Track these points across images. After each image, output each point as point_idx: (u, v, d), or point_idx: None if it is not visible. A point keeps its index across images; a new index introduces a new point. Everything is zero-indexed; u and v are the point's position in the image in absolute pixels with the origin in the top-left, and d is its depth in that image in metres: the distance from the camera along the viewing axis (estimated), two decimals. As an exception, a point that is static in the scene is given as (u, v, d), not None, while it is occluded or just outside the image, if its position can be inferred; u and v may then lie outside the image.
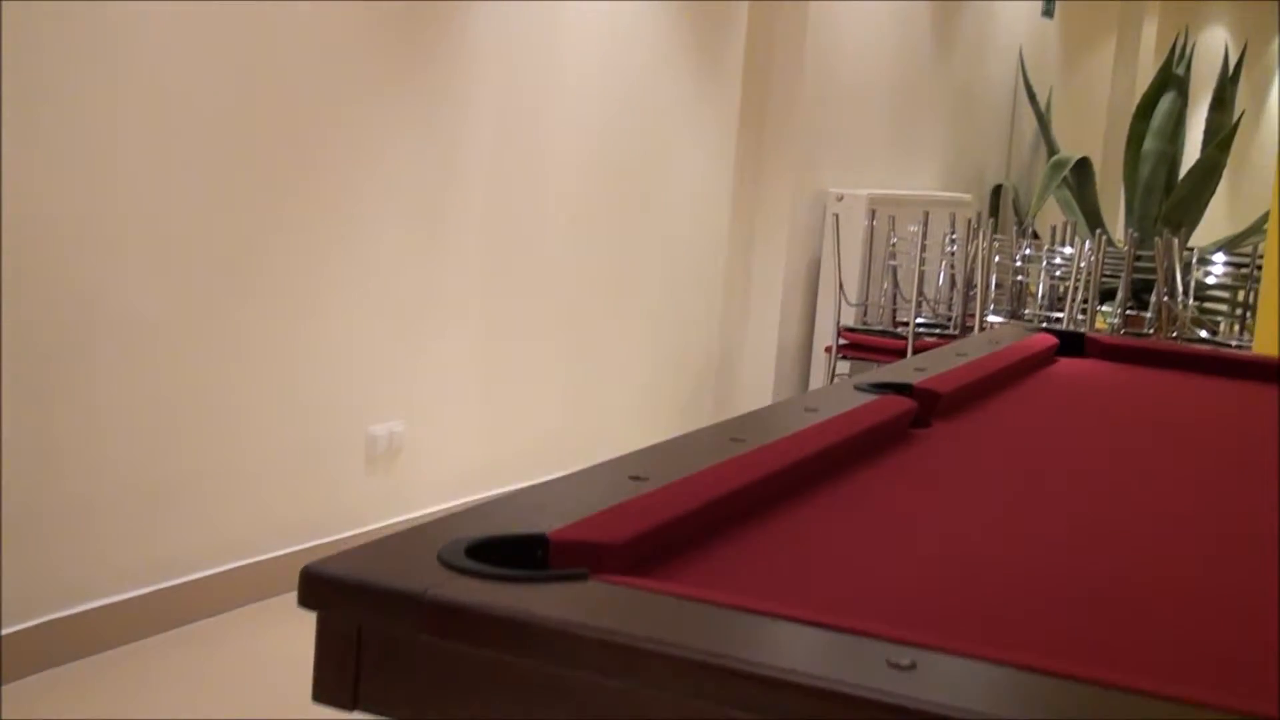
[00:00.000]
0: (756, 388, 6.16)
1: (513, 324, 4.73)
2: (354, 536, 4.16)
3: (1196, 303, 6.59)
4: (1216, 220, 9.08)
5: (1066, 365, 2.99)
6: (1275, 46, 12.78)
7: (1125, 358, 3.11)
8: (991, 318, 6.06)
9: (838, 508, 1.60)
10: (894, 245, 6.31)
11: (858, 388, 2.22)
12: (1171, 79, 7.65)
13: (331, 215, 3.91)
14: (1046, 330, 3.23)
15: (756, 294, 6.14)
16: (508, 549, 1.22)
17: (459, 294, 4.46)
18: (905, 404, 2.10)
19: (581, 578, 1.14)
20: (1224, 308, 6.90)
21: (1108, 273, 6.45)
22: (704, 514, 1.43)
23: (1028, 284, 6.45)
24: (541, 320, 4.88)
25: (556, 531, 1.25)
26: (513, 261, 4.68)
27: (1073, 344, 3.18)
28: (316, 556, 3.97)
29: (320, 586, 1.09)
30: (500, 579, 1.11)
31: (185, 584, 3.62)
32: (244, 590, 3.80)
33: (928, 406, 2.19)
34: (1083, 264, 5.95)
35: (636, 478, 1.50)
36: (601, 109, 5.01)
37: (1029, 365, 2.84)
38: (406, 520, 4.37)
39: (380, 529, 4.26)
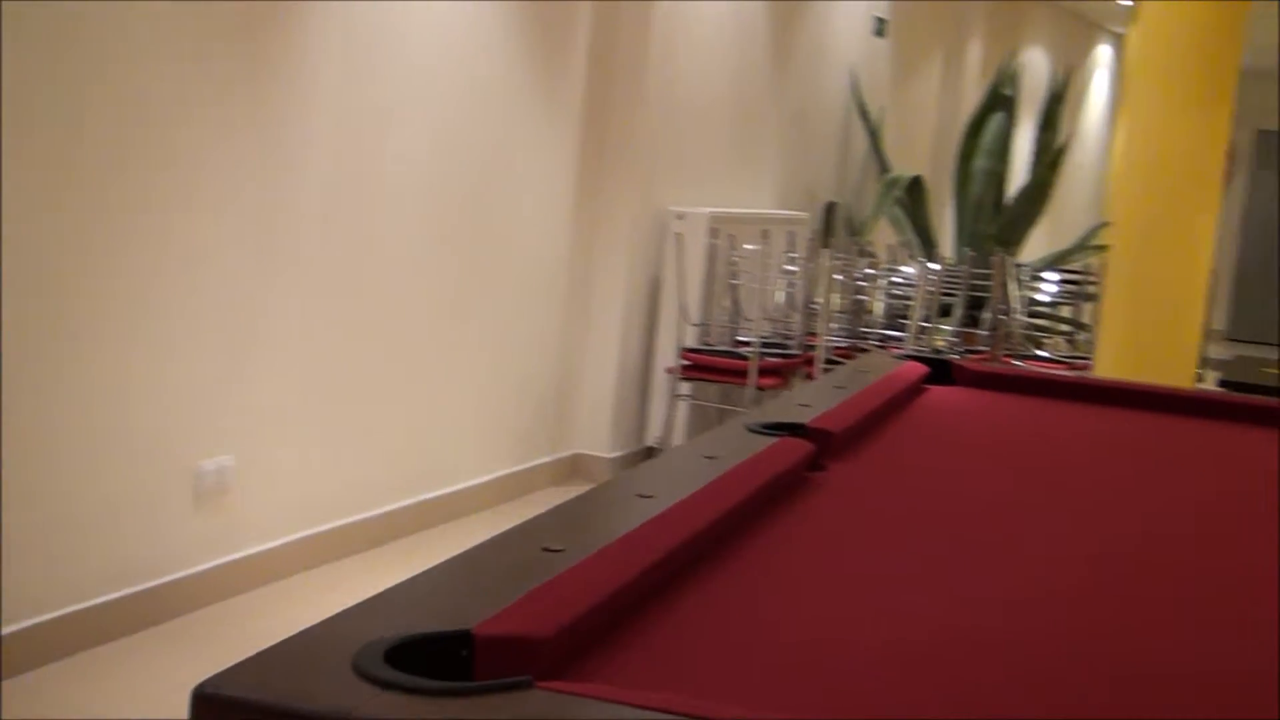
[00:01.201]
0: (597, 410, 6.04)
1: (351, 349, 4.53)
2: (182, 579, 3.91)
3: (1032, 320, 6.69)
4: (1034, 237, 9.26)
5: (938, 395, 2.93)
6: (1088, 71, 13.17)
7: (994, 385, 3.07)
8: (832, 338, 6.04)
9: (762, 571, 1.48)
10: (735, 264, 6.25)
11: (750, 429, 2.11)
12: (1000, 99, 7.77)
13: (154, 235, 3.67)
14: (914, 359, 3.17)
15: (597, 314, 6.02)
16: (430, 649, 1.07)
17: (293, 318, 4.24)
18: (805, 447, 2.00)
19: (525, 686, 1.00)
20: (1060, 325, 7.02)
21: (944, 290, 6.50)
22: (632, 589, 1.29)
23: (867, 303, 6.46)
24: (381, 344, 4.68)
25: (483, 626, 1.10)
26: (350, 284, 4.47)
27: (940, 372, 3.13)
28: (141, 602, 3.74)
29: (221, 712, 0.93)
30: (434, 693, 0.96)
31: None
32: (61, 643, 3.53)
33: (823, 447, 2.09)
34: (922, 283, 5.97)
35: (550, 549, 1.36)
36: (442, 128, 4.83)
37: (905, 397, 2.77)
38: (238, 559, 4.13)
39: (209, 569, 4.02)
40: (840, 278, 6.23)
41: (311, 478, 4.45)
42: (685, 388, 6.11)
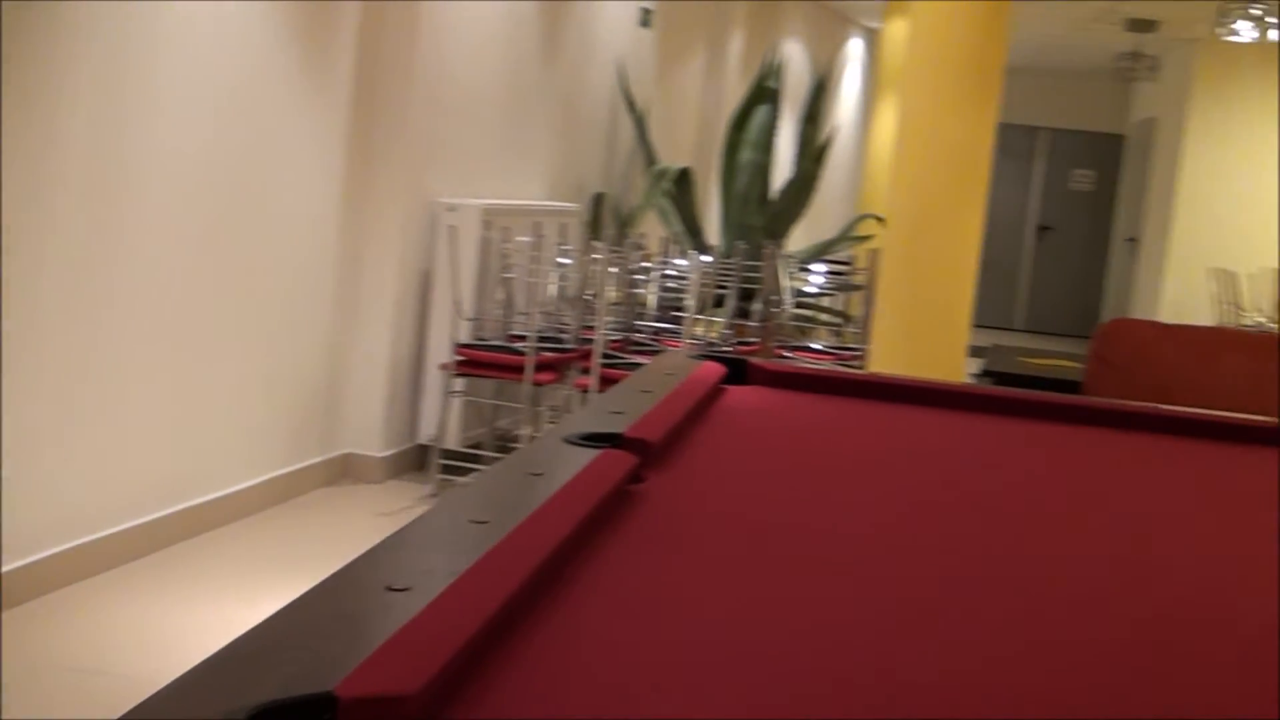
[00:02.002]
0: (367, 408, 5.88)
1: (111, 351, 4.27)
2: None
3: (800, 311, 6.79)
4: (795, 228, 9.45)
5: (738, 396, 2.91)
6: (840, 65, 13.49)
7: (792, 385, 3.07)
8: (607, 332, 6.01)
9: (609, 596, 1.41)
10: (507, 257, 6.16)
11: (568, 441, 2.04)
12: (765, 92, 7.87)
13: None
14: (711, 358, 3.15)
15: (367, 309, 5.85)
16: (289, 714, 0.97)
17: (46, 322, 3.98)
18: (629, 460, 1.94)
19: (403, 755, 0.91)
20: (823, 316, 7.15)
21: (716, 282, 6.54)
22: (490, 627, 1.21)
23: (641, 296, 6.46)
24: (142, 347, 4.43)
25: (345, 686, 1.00)
26: (108, 286, 4.22)
27: (736, 371, 3.11)
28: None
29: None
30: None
31: None
32: None
33: (642, 458, 2.04)
34: (696, 275, 5.99)
35: (394, 589, 1.26)
36: (202, 124, 4.60)
37: (709, 399, 2.74)
38: (5, 572, 3.86)
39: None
40: (615, 270, 6.20)
41: (76, 487, 4.19)
42: (459, 384, 6.00)
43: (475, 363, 5.90)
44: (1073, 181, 15.50)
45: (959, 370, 5.03)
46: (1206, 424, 2.91)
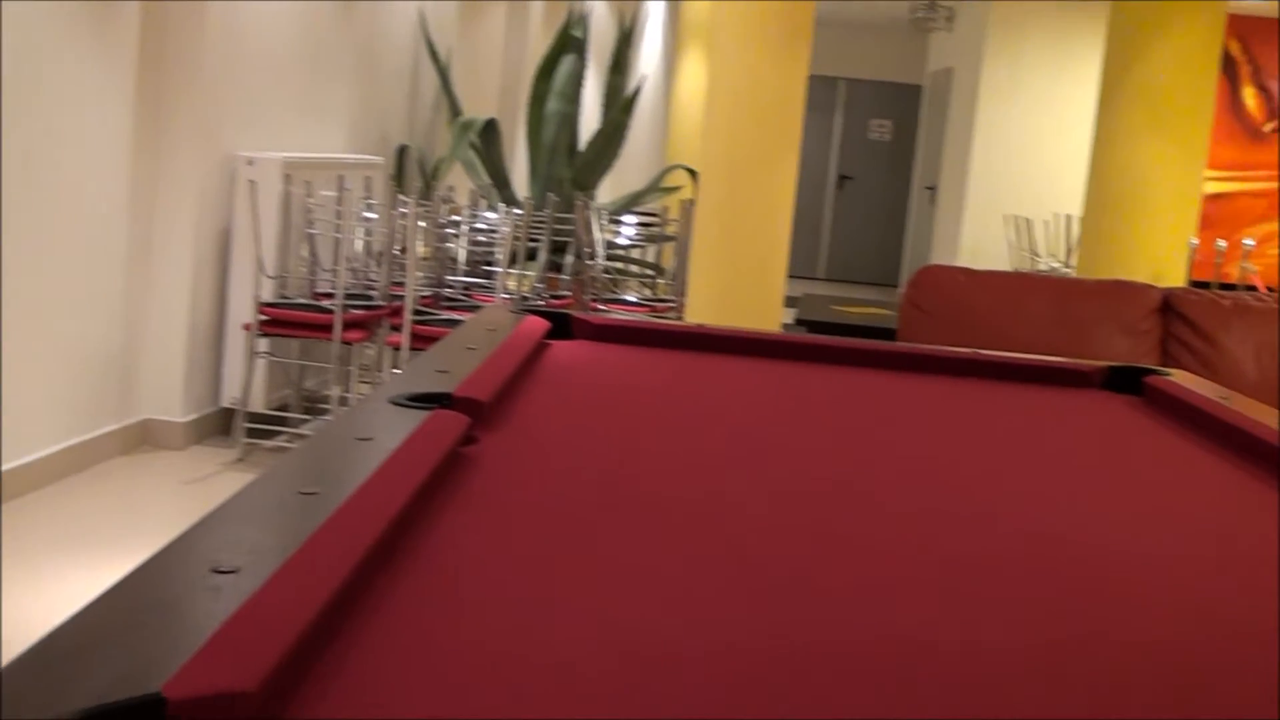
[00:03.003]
0: (166, 372, 5.63)
1: (-115, 318, 3.98)
2: None
3: (612, 263, 6.73)
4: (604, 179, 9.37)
5: (563, 350, 2.83)
6: (643, 15, 13.43)
7: (616, 338, 3.00)
8: (417, 288, 5.86)
9: (451, 569, 1.32)
10: (311, 212, 5.96)
11: (395, 402, 1.93)
12: (570, 41, 7.75)
13: None
14: (534, 312, 3.06)
15: (162, 270, 5.59)
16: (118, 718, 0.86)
17: None
18: (461, 422, 1.84)
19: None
20: (636, 268, 7.10)
21: (528, 236, 6.43)
22: (328, 612, 1.11)
23: (451, 250, 6.31)
24: (-80, 312, 4.14)
25: (173, 685, 0.90)
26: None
27: (560, 326, 3.03)
28: None
29: None
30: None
31: None
32: None
33: (474, 419, 1.94)
34: (507, 228, 5.88)
35: (221, 570, 1.15)
36: (-19, 63, 4.31)
37: (535, 355, 2.65)
38: None
39: None
40: (423, 224, 6.05)
41: None
42: (264, 344, 5.79)
43: (280, 322, 5.70)
44: (871, 132, 15.76)
45: (775, 320, 5.04)
46: (1026, 368, 2.94)
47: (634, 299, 6.45)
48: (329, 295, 5.76)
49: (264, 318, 5.68)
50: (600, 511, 1.62)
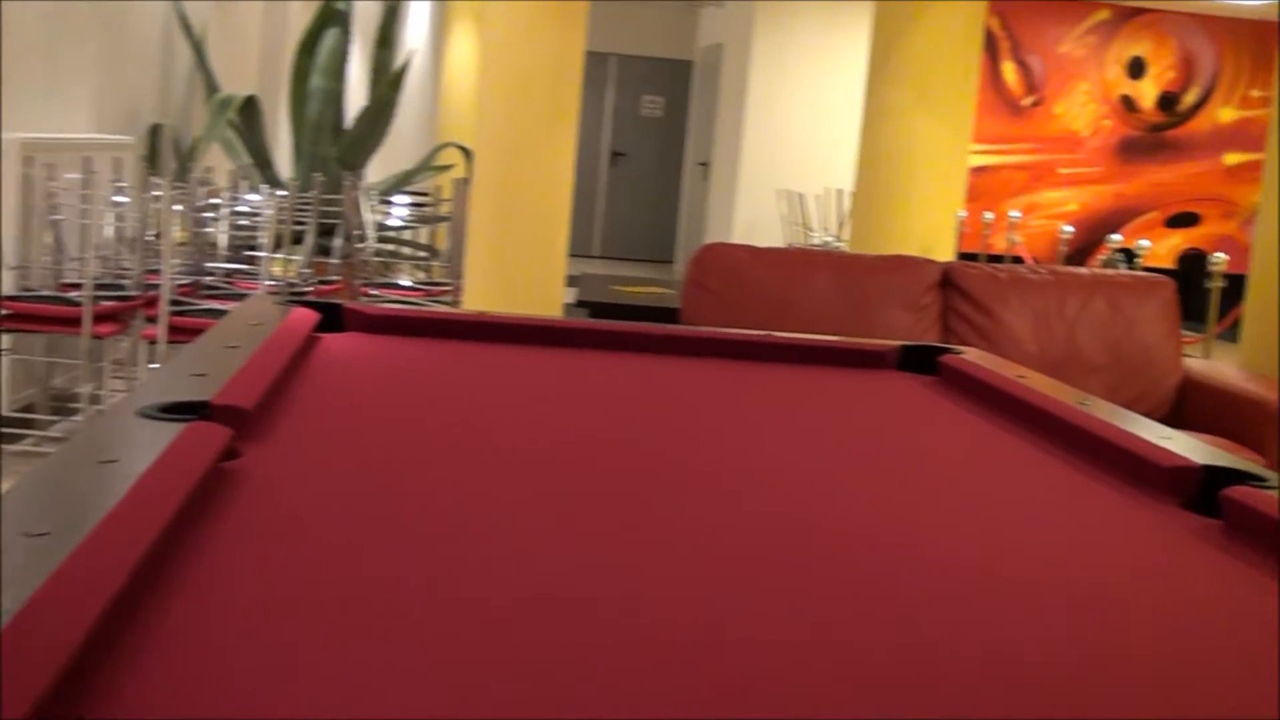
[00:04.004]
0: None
1: None
2: None
3: (384, 246, 6.47)
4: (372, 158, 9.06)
5: (334, 345, 2.62)
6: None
7: (393, 329, 2.80)
8: (175, 276, 5.51)
9: (220, 612, 1.13)
10: (54, 197, 5.55)
11: (144, 415, 1.71)
12: (334, 14, 7.43)
13: None
14: (301, 303, 2.84)
15: (-111, 260, 5.12)
16: None
17: None
18: (220, 434, 1.63)
19: None
20: (408, 250, 6.85)
21: (294, 219, 6.13)
22: (61, 684, 0.91)
23: (210, 235, 5.97)
24: None
25: None
26: None
27: (331, 317, 2.81)
28: None
29: None
30: None
31: None
32: None
33: (237, 430, 1.73)
34: (271, 211, 5.58)
35: (-83, 647, 0.94)
36: None
37: (304, 351, 2.44)
38: None
39: None
40: (179, 208, 5.69)
41: None
42: (5, 340, 5.37)
43: (22, 316, 5.29)
44: (643, 108, 15.73)
45: (557, 301, 4.89)
46: (822, 350, 2.85)
47: (408, 283, 6.21)
48: (76, 286, 5.37)
49: (4, 312, 5.26)
50: (379, 526, 1.43)
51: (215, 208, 5.90)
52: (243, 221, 5.93)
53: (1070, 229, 9.71)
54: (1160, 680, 1.21)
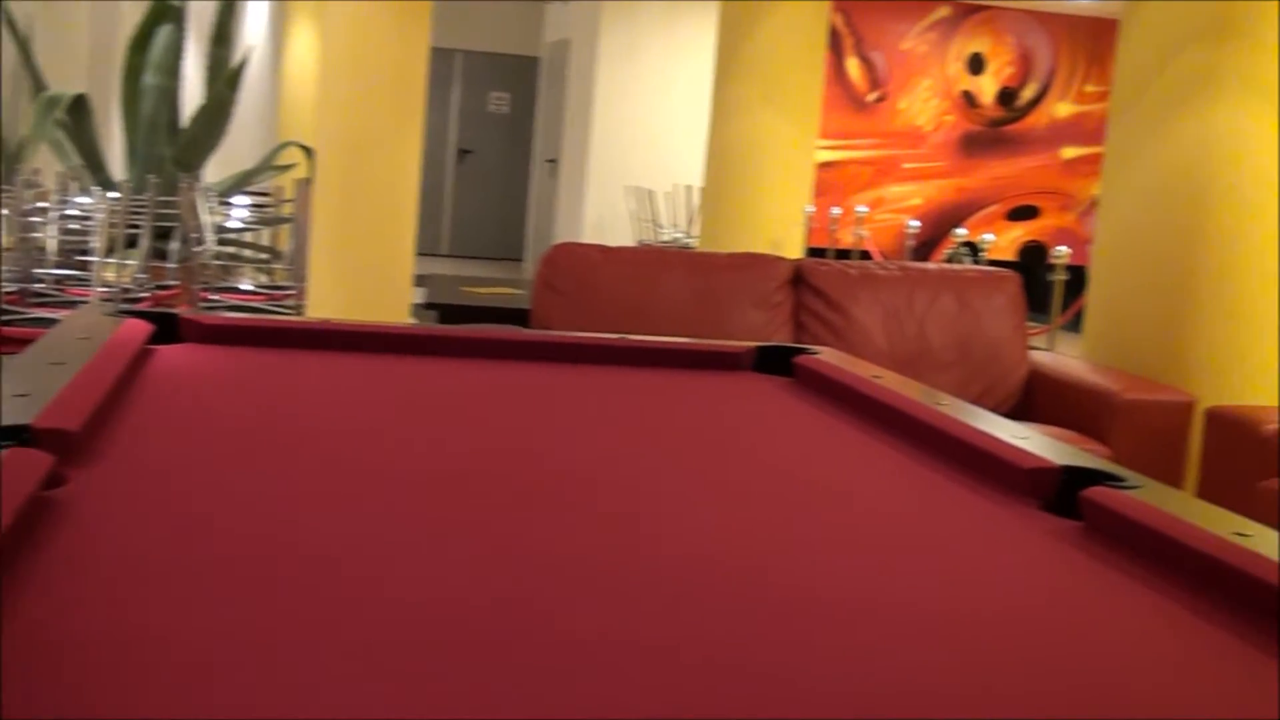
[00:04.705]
0: None
1: None
2: None
3: (223, 249, 6.27)
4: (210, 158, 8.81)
5: (170, 358, 2.50)
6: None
7: (234, 339, 2.69)
8: (1, 283, 5.28)
9: (46, 661, 1.03)
10: None
11: (-49, 442, 1.59)
12: (167, 10, 7.19)
13: None
14: (133, 314, 2.70)
15: None
16: None
17: None
18: (42, 461, 1.52)
19: None
20: (249, 253, 6.66)
21: (127, 222, 5.91)
22: None
23: (38, 241, 5.72)
24: None
25: None
26: None
27: (165, 328, 2.69)
28: None
29: None
30: None
31: None
32: None
33: (61, 455, 1.62)
34: (103, 214, 5.36)
35: None
36: None
37: (136, 366, 2.32)
38: None
39: None
40: (4, 212, 5.45)
41: None
42: None
43: None
44: (490, 104, 15.59)
45: (405, 302, 4.78)
46: (677, 352, 2.81)
47: (249, 286, 6.03)
48: (-105, 295, 5.11)
49: None
50: (215, 553, 1.34)
51: (43, 211, 5.66)
52: (73, 225, 5.70)
53: (917, 224, 9.87)
54: (1025, 688, 1.18)
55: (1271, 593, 1.43)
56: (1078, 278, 6.13)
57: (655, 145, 12.05)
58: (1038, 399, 4.71)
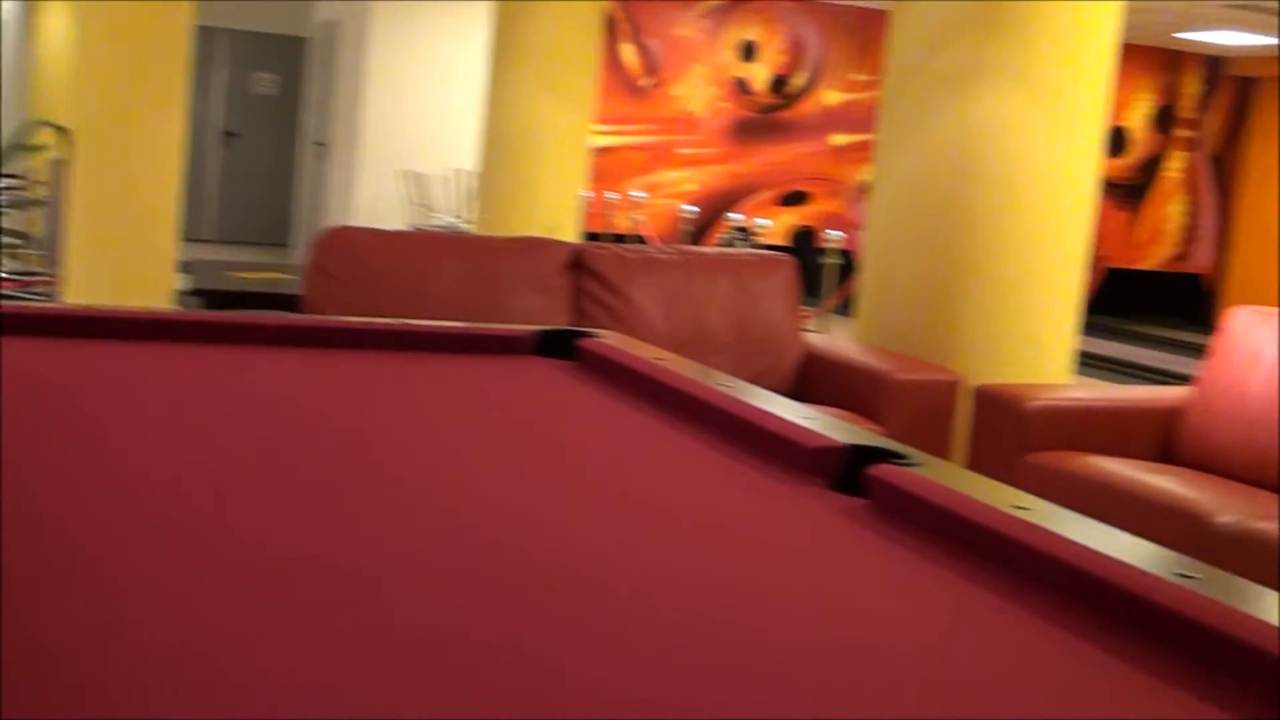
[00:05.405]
0: None
1: None
2: None
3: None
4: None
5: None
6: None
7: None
8: None
9: None
10: None
11: None
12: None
13: None
14: None
15: None
16: None
17: None
18: None
19: None
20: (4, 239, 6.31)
21: None
22: None
23: None
24: None
25: None
26: None
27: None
28: None
29: None
30: None
31: None
32: None
33: None
34: None
35: None
36: None
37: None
38: None
39: None
40: None
41: None
42: None
43: None
44: (256, 85, 15.16)
45: (167, 289, 4.59)
46: (458, 337, 2.75)
47: (2, 273, 5.72)
48: None
49: None
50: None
51: None
52: None
53: (694, 209, 9.98)
54: (824, 668, 1.17)
55: (1048, 562, 1.46)
56: (847, 262, 6.27)
57: (429, 128, 11.89)
58: (812, 380, 4.79)
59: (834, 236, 5.81)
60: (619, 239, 10.03)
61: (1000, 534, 1.54)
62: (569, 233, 8.46)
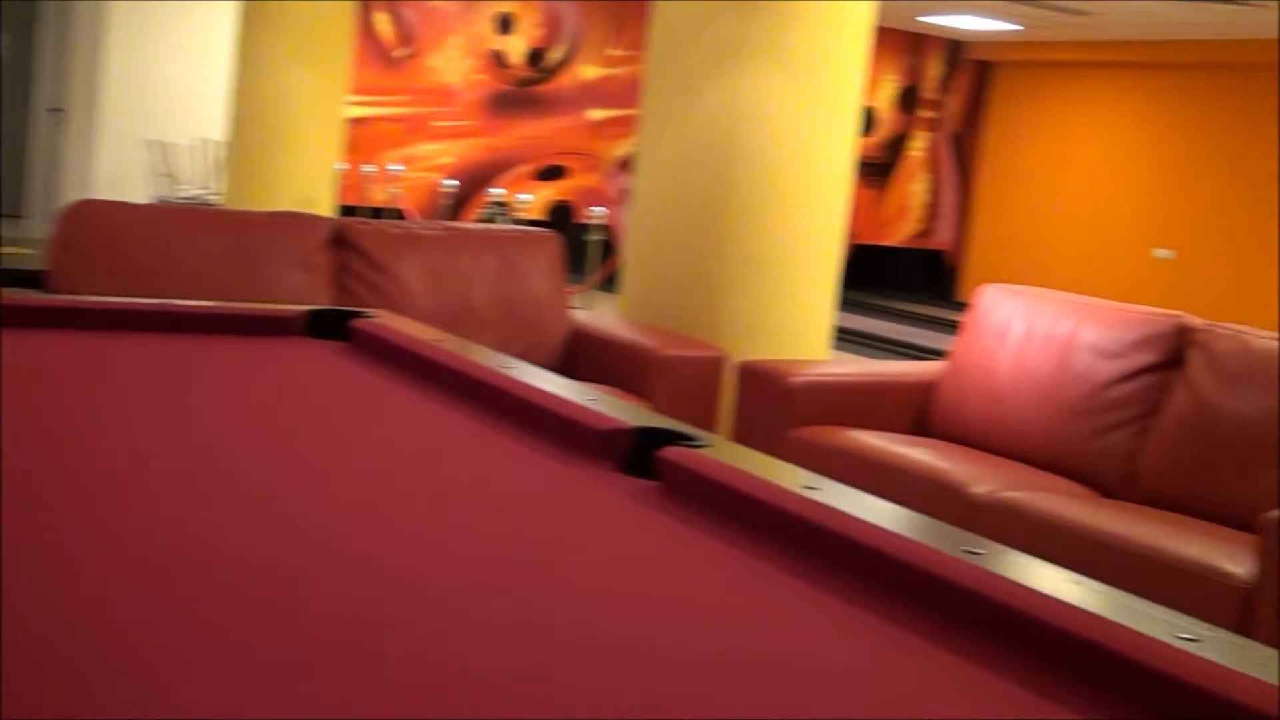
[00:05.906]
0: None
1: None
2: None
3: None
4: None
5: None
6: None
7: None
8: None
9: None
10: None
11: None
12: None
13: None
14: None
15: None
16: None
17: None
18: None
19: None
20: None
21: None
22: None
23: None
24: None
25: None
26: None
27: None
28: None
29: None
30: None
31: None
32: None
33: None
34: None
35: None
36: None
37: None
38: None
39: None
40: None
41: None
42: None
43: None
44: (-16, 48, 14.32)
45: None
46: (223, 318, 2.64)
47: None
48: None
49: None
50: None
51: None
52: None
53: (455, 183, 9.86)
54: (614, 648, 1.17)
55: (836, 539, 1.49)
56: (607, 237, 6.28)
57: (175, 95, 11.44)
58: (579, 357, 4.79)
59: (597, 213, 5.82)
60: (377, 213, 9.84)
61: (794, 515, 1.56)
62: (325, 206, 8.27)
